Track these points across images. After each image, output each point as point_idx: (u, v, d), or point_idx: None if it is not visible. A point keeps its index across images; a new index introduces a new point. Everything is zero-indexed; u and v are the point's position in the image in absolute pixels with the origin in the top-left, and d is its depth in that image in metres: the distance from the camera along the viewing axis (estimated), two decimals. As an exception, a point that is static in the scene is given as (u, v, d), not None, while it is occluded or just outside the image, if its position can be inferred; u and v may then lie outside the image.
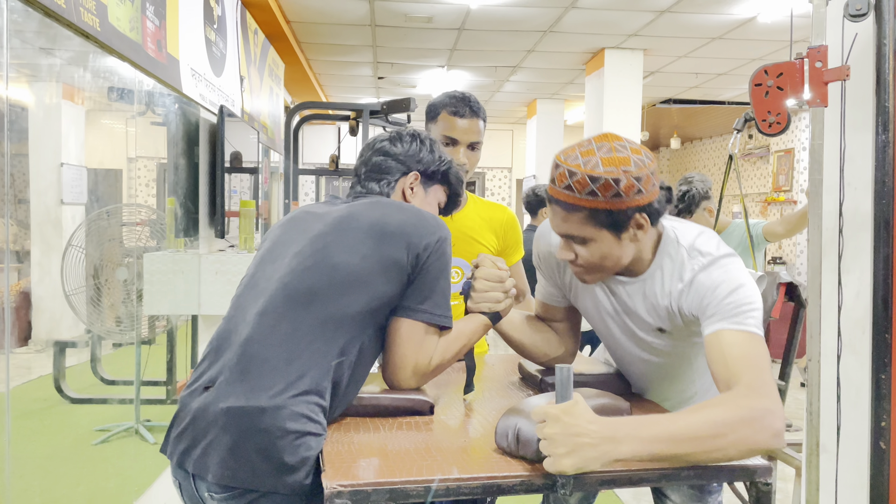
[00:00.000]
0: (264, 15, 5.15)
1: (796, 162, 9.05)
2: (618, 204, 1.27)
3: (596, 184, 1.26)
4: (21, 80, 4.16)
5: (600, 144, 1.30)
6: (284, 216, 1.56)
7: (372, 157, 1.51)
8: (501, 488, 1.09)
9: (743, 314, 1.25)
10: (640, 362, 1.53)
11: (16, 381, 4.65)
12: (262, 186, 4.93)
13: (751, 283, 1.30)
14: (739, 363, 1.20)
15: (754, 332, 1.24)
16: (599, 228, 1.31)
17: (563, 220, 1.33)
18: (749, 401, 1.15)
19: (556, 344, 1.64)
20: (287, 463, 1.15)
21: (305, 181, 10.45)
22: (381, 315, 1.31)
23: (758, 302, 1.28)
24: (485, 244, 2.04)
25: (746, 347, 1.22)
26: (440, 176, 1.54)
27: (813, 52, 1.87)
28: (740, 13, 5.46)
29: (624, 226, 1.30)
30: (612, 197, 1.27)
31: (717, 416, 1.11)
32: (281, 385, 1.19)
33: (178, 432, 1.24)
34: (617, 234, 1.32)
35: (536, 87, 8.48)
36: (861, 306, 1.99)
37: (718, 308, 1.27)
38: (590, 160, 1.27)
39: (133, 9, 2.61)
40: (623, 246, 1.34)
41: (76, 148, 5.67)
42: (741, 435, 1.11)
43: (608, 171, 1.26)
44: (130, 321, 4.07)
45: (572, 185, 1.28)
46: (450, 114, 1.95)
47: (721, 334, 1.25)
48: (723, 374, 1.22)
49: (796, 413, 4.89)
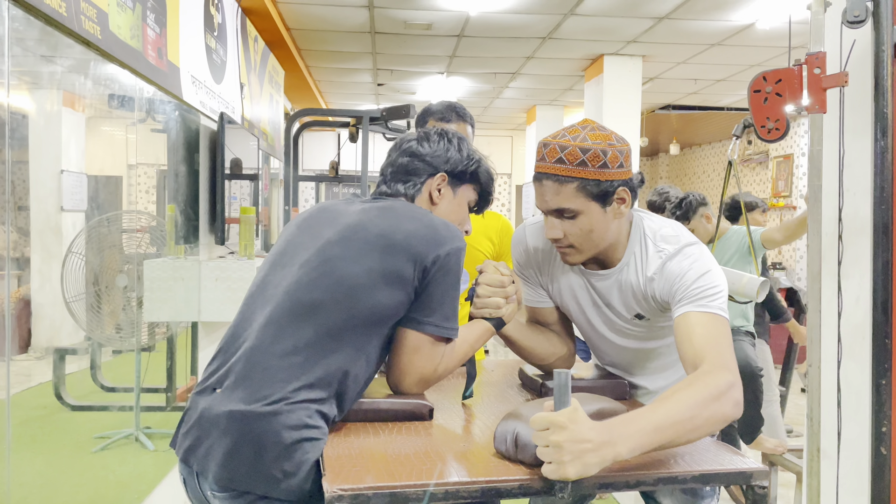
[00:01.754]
0: (264, 22, 5.17)
1: (795, 167, 9.06)
2: (605, 174, 1.40)
3: (586, 154, 1.39)
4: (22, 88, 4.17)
5: (583, 125, 1.44)
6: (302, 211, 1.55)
7: (398, 159, 1.49)
8: (500, 492, 1.09)
9: (707, 297, 1.35)
10: (623, 350, 1.61)
11: (16, 389, 4.65)
12: (262, 193, 4.94)
13: (716, 269, 1.41)
14: (703, 342, 1.30)
15: (718, 313, 1.35)
16: (588, 199, 1.41)
17: (555, 194, 1.42)
18: (713, 377, 1.23)
19: (558, 343, 1.67)
20: (283, 468, 1.16)
21: (305, 188, 10.47)
22: (386, 327, 1.31)
23: (723, 286, 1.38)
24: (481, 251, 2.08)
25: (710, 328, 1.32)
26: (469, 176, 1.51)
27: (811, 59, 1.88)
28: (739, 20, 5.48)
29: (609, 198, 1.42)
30: (600, 167, 1.39)
31: (689, 398, 1.17)
32: (280, 393, 1.20)
33: (186, 429, 1.27)
34: (603, 206, 1.42)
35: (536, 93, 8.50)
36: (861, 312, 1.99)
37: (686, 293, 1.37)
38: (577, 136, 1.41)
39: (134, 17, 2.62)
40: (607, 220, 1.44)
41: (76, 155, 5.68)
42: (711, 411, 1.18)
43: (596, 143, 1.40)
44: (130, 328, 4.06)
45: (564, 157, 1.40)
46: (437, 121, 2.00)
47: (688, 316, 1.35)
48: (689, 353, 1.31)
49: (797, 419, 4.88)
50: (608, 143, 1.39)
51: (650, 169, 13.32)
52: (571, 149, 1.39)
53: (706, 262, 1.41)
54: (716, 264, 1.42)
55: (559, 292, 1.63)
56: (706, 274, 1.38)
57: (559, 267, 1.61)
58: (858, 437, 1.94)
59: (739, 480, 1.16)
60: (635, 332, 1.56)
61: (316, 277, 1.29)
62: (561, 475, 1.04)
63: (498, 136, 11.51)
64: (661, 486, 1.15)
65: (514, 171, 11.79)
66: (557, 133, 1.44)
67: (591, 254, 1.49)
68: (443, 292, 1.32)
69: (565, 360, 1.68)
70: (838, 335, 1.96)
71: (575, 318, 1.65)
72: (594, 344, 1.67)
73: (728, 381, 1.22)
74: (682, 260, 1.41)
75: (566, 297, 1.62)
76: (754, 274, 3.07)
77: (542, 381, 1.58)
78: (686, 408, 1.15)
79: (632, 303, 1.51)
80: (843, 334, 1.96)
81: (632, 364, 1.65)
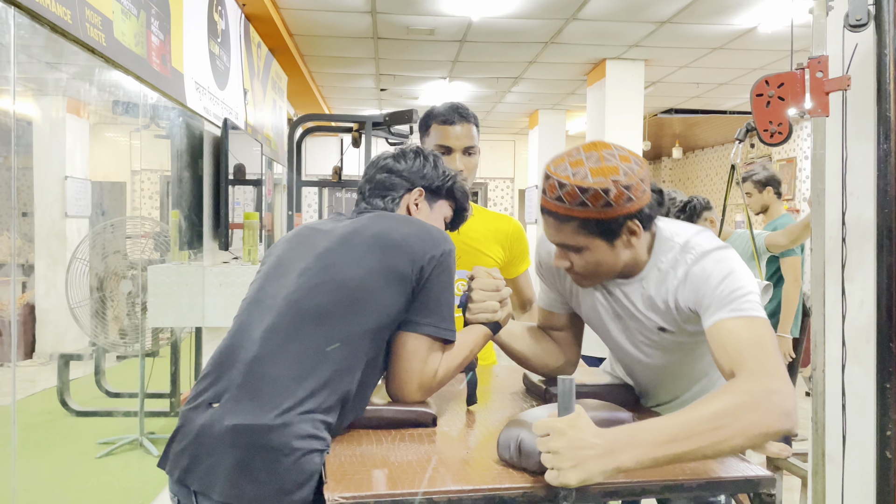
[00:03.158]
0: (267, 28, 5.19)
1: (798, 171, 9.05)
2: (609, 213, 1.29)
3: (586, 195, 1.27)
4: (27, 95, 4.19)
5: (589, 154, 1.31)
6: (288, 232, 1.55)
7: (376, 175, 1.51)
8: (504, 500, 1.08)
9: (738, 299, 1.24)
10: (645, 365, 1.52)
11: (21, 394, 4.66)
12: (265, 198, 4.95)
13: (742, 268, 1.30)
14: (740, 348, 1.18)
15: (753, 315, 1.22)
16: (592, 237, 1.32)
17: (556, 231, 1.35)
18: (750, 384, 1.12)
19: (556, 354, 1.64)
20: (294, 480, 1.14)
21: (308, 193, 10.48)
22: (388, 331, 1.31)
23: (751, 285, 1.26)
24: (491, 256, 2.03)
25: (746, 332, 1.20)
26: (445, 191, 1.54)
27: (814, 63, 1.88)
28: (741, 23, 5.48)
29: (616, 233, 1.32)
30: (603, 207, 1.28)
31: (715, 407, 1.08)
32: (288, 403, 1.18)
33: (181, 448, 1.23)
34: (610, 242, 1.33)
35: (538, 97, 8.51)
36: (865, 315, 1.98)
37: (713, 298, 1.26)
38: (578, 171, 1.28)
39: (138, 24, 2.63)
40: (617, 252, 1.35)
41: (81, 161, 5.70)
42: (746, 422, 1.07)
43: (597, 181, 1.27)
44: (134, 333, 4.07)
45: (562, 196, 1.29)
46: (440, 123, 1.99)
47: (721, 324, 1.23)
48: (726, 364, 1.20)
49: (802, 423, 4.84)
50: (612, 179, 1.27)
51: (653, 173, 13.28)
52: (570, 188, 1.28)
53: (730, 262, 1.30)
54: (742, 264, 1.31)
55: (578, 302, 1.57)
56: (731, 275, 1.27)
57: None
58: (863, 440, 1.93)
59: (747, 488, 1.14)
60: (659, 347, 1.46)
61: (318, 283, 1.29)
62: (562, 481, 1.03)
63: (500, 140, 11.52)
64: (666, 494, 1.14)
65: (516, 175, 11.79)
66: (560, 161, 1.33)
67: (605, 279, 1.42)
68: (439, 293, 1.32)
69: (562, 371, 1.62)
70: (842, 339, 1.95)
71: (597, 330, 1.57)
72: (618, 358, 1.60)
73: (769, 388, 1.10)
74: (706, 264, 1.31)
75: (587, 309, 1.55)
76: (758, 278, 3.07)
77: (547, 387, 1.57)
78: (710, 417, 1.07)
79: (654, 314, 1.41)
80: (848, 338, 1.95)
81: (657, 383, 1.55)
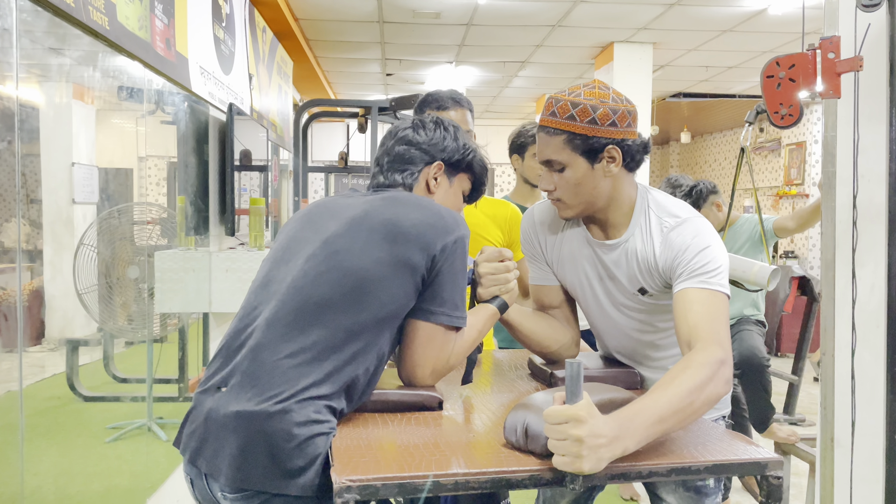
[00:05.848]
0: (272, 13, 5.16)
1: (808, 155, 8.98)
2: (593, 131, 1.41)
3: (576, 108, 1.41)
4: (31, 80, 4.18)
5: (589, 84, 1.46)
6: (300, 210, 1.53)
7: (394, 147, 1.47)
8: (510, 483, 1.08)
9: (707, 273, 1.37)
10: (626, 334, 1.60)
11: (29, 380, 4.69)
12: (271, 184, 4.94)
13: (717, 244, 1.42)
14: (698, 318, 1.32)
15: (717, 289, 1.36)
16: (575, 153, 1.43)
17: (545, 145, 1.46)
18: (705, 355, 1.25)
19: (560, 330, 1.67)
20: (296, 465, 1.15)
21: (315, 178, 10.48)
22: (396, 320, 1.30)
23: (723, 261, 1.40)
24: (491, 240, 2.09)
25: (707, 304, 1.34)
26: (465, 165, 1.50)
27: (825, 43, 1.85)
28: (751, 5, 5.42)
29: (597, 154, 1.43)
30: (588, 122, 1.41)
31: (688, 383, 1.19)
32: (289, 391, 1.18)
33: (192, 430, 1.25)
34: (590, 162, 1.44)
35: (545, 81, 8.45)
36: (875, 299, 1.96)
37: (686, 268, 1.39)
38: (574, 91, 1.45)
39: (142, 7, 2.61)
40: (596, 177, 1.46)
41: (87, 147, 5.70)
42: (708, 392, 1.20)
43: (588, 99, 1.42)
44: (142, 319, 4.09)
45: (556, 110, 1.44)
46: (434, 109, 2.00)
47: (686, 293, 1.37)
48: (683, 330, 1.33)
49: (810, 408, 4.85)
50: (601, 101, 1.41)
51: (661, 158, 13.24)
52: (564, 103, 1.43)
53: (708, 237, 1.42)
54: (718, 239, 1.43)
55: (563, 266, 1.63)
56: (707, 249, 1.39)
57: (567, 241, 1.61)
58: (872, 425, 1.92)
59: (754, 470, 1.15)
60: (638, 310, 1.55)
61: (323, 271, 1.27)
62: (576, 468, 1.04)
63: (507, 125, 11.47)
64: (674, 477, 1.14)
65: (523, 160, 11.75)
66: (561, 90, 1.47)
67: (583, 209, 1.50)
68: (452, 281, 1.31)
69: (568, 347, 1.66)
70: (853, 323, 1.94)
71: (580, 294, 1.63)
72: (598, 326, 1.66)
73: (719, 357, 1.25)
74: (685, 231, 1.43)
75: (572, 271, 1.61)
76: (766, 262, 3.05)
77: (552, 371, 1.57)
78: (685, 393, 1.17)
79: (636, 275, 1.50)
80: (858, 322, 1.94)
81: (635, 351, 1.63)
